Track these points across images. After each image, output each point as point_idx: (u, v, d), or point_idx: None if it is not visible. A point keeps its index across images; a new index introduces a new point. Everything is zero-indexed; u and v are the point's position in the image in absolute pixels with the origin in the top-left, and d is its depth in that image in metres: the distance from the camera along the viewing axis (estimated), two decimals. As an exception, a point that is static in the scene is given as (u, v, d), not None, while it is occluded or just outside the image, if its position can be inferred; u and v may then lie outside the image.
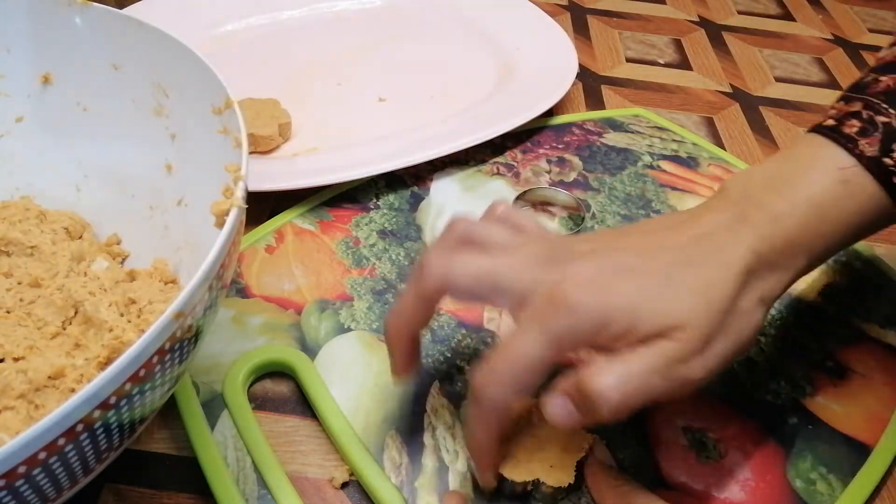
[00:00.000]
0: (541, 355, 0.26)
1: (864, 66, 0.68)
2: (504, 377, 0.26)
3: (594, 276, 0.26)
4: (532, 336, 0.26)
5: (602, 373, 0.25)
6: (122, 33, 0.35)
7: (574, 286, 0.26)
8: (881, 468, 0.34)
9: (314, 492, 0.31)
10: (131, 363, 0.21)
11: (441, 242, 0.30)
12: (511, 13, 0.63)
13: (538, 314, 0.26)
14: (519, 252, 0.28)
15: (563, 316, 0.26)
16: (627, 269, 0.27)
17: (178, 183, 0.36)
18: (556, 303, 0.26)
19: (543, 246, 0.28)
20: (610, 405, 0.25)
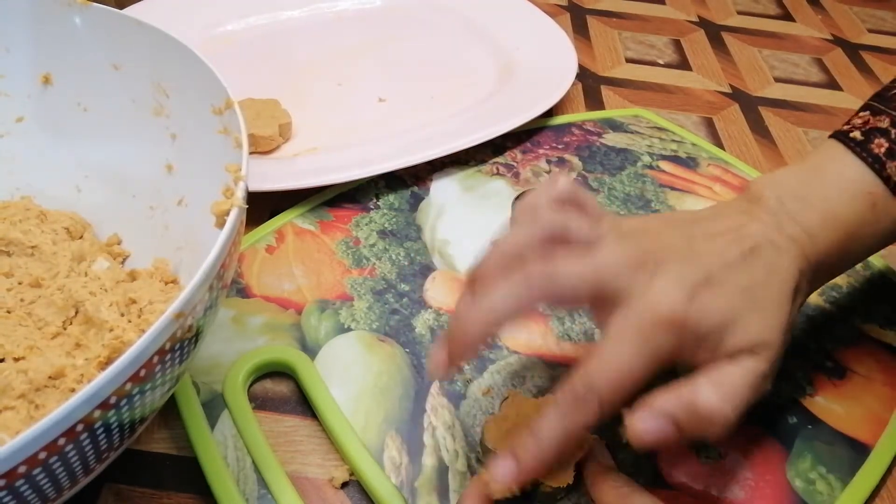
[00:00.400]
0: (645, 371, 0.27)
1: (864, 66, 0.68)
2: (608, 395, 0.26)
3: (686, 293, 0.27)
4: (636, 353, 0.27)
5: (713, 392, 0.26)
6: (122, 33, 0.35)
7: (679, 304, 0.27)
8: (881, 468, 0.34)
9: (314, 492, 0.31)
10: (131, 363, 0.21)
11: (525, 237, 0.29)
12: (511, 13, 0.63)
13: (639, 330, 0.27)
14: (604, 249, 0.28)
15: (666, 337, 0.27)
16: (714, 282, 0.28)
17: (178, 183, 0.36)
18: (658, 321, 0.27)
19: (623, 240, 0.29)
20: (726, 421, 0.26)
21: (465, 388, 0.35)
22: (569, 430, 0.27)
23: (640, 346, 0.27)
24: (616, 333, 0.27)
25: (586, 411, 0.27)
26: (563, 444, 0.27)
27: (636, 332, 0.27)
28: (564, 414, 0.27)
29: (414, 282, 0.40)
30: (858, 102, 0.62)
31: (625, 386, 0.27)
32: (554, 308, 0.38)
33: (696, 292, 0.27)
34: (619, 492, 0.29)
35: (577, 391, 0.27)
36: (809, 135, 0.58)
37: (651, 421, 0.26)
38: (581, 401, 0.27)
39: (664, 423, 0.26)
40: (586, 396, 0.27)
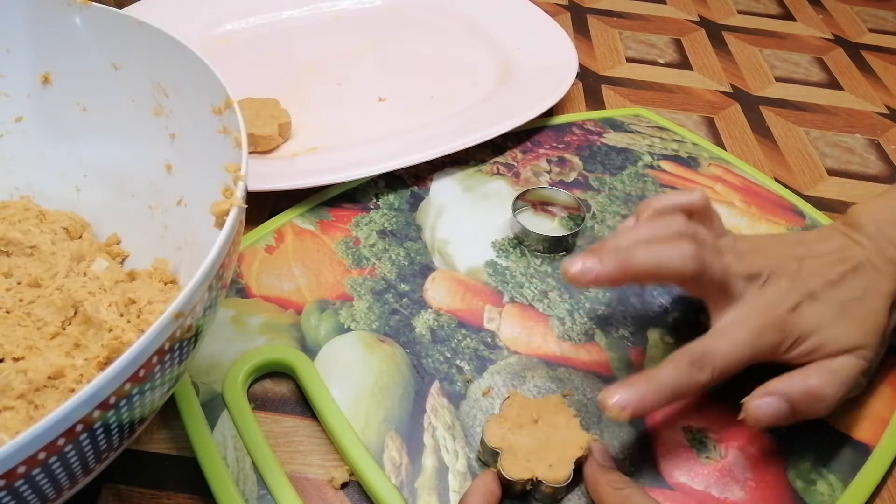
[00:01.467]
0: (747, 360, 0.32)
1: (865, 65, 0.68)
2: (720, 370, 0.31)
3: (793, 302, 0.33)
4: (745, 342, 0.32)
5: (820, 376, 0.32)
6: (122, 33, 0.35)
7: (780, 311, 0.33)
8: (881, 468, 0.34)
9: (314, 492, 0.31)
10: (131, 363, 0.21)
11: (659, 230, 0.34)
12: (511, 13, 0.63)
13: (749, 326, 0.32)
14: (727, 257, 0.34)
15: (772, 333, 0.32)
16: (816, 297, 0.33)
17: (177, 183, 0.36)
18: (766, 321, 0.32)
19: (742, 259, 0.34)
20: (831, 400, 0.32)
21: (465, 389, 0.35)
22: (682, 383, 0.31)
23: (748, 338, 0.32)
24: (731, 323, 0.33)
25: (698, 373, 0.31)
26: (674, 393, 0.31)
27: (747, 328, 0.32)
28: (681, 368, 0.31)
29: (414, 282, 0.40)
30: (859, 102, 0.62)
31: (733, 364, 0.32)
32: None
33: (798, 303, 0.33)
34: (619, 492, 0.29)
35: (696, 355, 0.31)
36: (810, 134, 0.58)
37: (768, 399, 0.31)
38: (697, 363, 0.31)
39: (779, 401, 0.31)
40: (703, 361, 0.31)
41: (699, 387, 0.31)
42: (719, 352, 0.32)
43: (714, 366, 0.31)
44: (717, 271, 0.33)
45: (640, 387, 0.30)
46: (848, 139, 0.58)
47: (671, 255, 0.32)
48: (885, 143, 0.58)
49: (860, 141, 0.58)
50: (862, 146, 0.57)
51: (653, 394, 0.30)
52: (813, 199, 0.51)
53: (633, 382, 0.31)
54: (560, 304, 0.40)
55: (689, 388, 0.31)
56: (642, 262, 0.32)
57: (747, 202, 0.48)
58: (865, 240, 0.36)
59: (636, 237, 0.34)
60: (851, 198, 0.52)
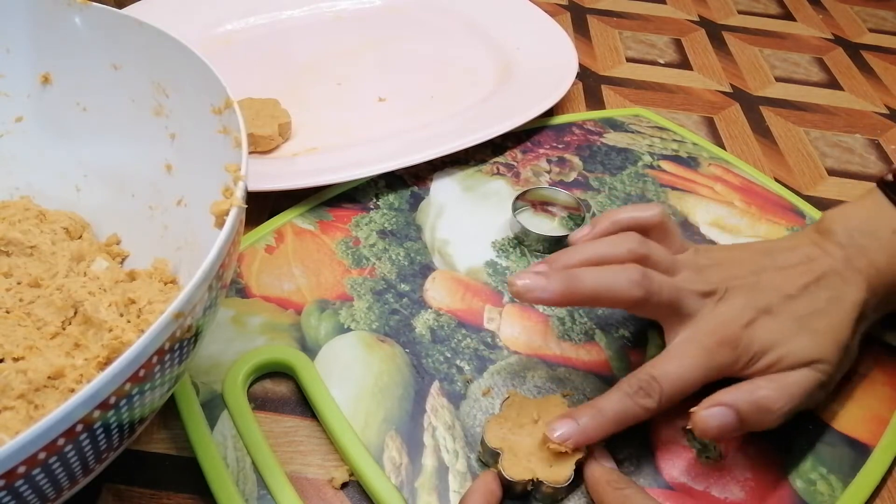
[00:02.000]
0: (700, 380, 0.32)
1: (865, 65, 0.68)
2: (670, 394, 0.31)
3: (748, 318, 0.32)
4: (699, 364, 0.32)
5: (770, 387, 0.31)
6: (122, 33, 0.35)
7: (734, 327, 0.32)
8: (881, 468, 0.34)
9: (314, 492, 0.31)
10: (131, 363, 0.21)
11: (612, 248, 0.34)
12: (511, 13, 0.63)
13: (702, 344, 0.32)
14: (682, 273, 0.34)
15: (726, 353, 0.32)
16: (771, 311, 0.33)
17: (177, 183, 0.36)
18: (720, 338, 0.32)
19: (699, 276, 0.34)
20: (780, 412, 0.31)
21: (465, 389, 0.35)
22: (627, 411, 0.31)
23: (702, 357, 0.32)
24: (683, 343, 0.33)
25: (647, 399, 0.31)
26: (617, 422, 0.31)
27: (699, 346, 0.32)
28: (627, 395, 0.31)
29: (414, 282, 0.40)
30: (859, 102, 0.62)
31: (683, 387, 0.31)
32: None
33: (753, 319, 0.32)
34: (619, 492, 0.29)
35: (643, 380, 0.31)
36: (810, 134, 0.58)
37: (715, 410, 0.31)
38: (645, 389, 0.31)
39: (727, 412, 0.31)
40: (650, 386, 0.31)
41: (648, 413, 0.31)
42: (669, 375, 0.31)
43: (662, 391, 0.31)
44: (664, 295, 0.32)
45: (583, 420, 0.31)
46: (848, 139, 0.58)
47: (616, 282, 0.32)
48: (885, 143, 0.58)
49: (860, 141, 0.58)
50: (862, 146, 0.57)
51: (595, 427, 0.31)
52: (813, 199, 0.51)
53: (578, 414, 0.31)
54: (560, 304, 0.40)
55: (636, 415, 0.31)
56: (587, 287, 0.32)
57: (747, 202, 0.48)
58: (835, 248, 0.35)
59: (586, 256, 0.34)
60: (851, 198, 0.51)
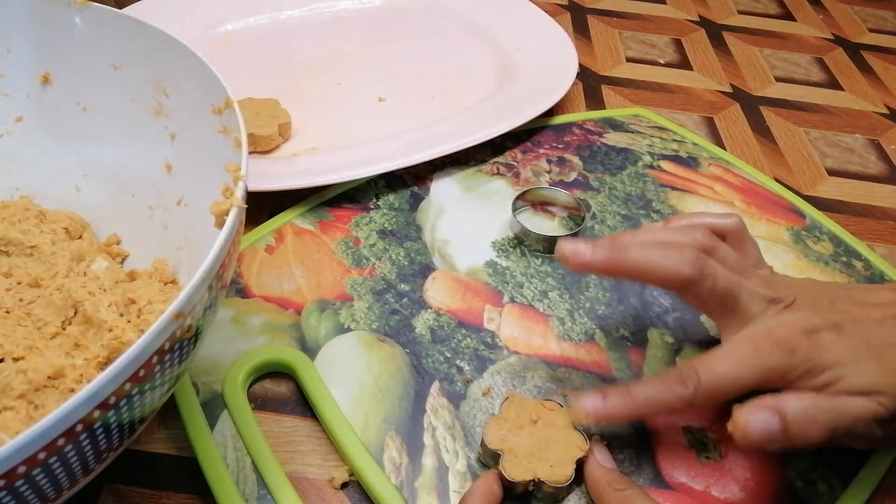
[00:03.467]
0: (748, 380, 0.29)
1: (865, 65, 0.68)
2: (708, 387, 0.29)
3: (813, 326, 0.30)
4: (746, 362, 0.29)
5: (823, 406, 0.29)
6: (122, 33, 0.35)
7: (795, 331, 0.30)
8: (881, 468, 0.34)
9: (314, 492, 0.31)
10: (131, 363, 0.21)
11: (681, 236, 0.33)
12: (511, 13, 0.63)
13: (756, 345, 0.30)
14: (751, 279, 0.32)
15: (780, 356, 0.29)
16: (841, 329, 0.30)
17: (177, 183, 0.36)
18: (777, 341, 0.30)
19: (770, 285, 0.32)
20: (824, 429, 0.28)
21: (465, 389, 0.35)
22: (659, 398, 0.30)
23: (750, 355, 0.29)
24: (734, 342, 0.30)
25: (681, 391, 0.29)
26: (647, 407, 0.30)
27: (750, 345, 0.30)
28: (662, 384, 0.30)
29: (414, 282, 0.40)
30: (859, 102, 0.62)
31: (725, 385, 0.29)
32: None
33: (819, 329, 0.30)
34: (619, 493, 0.29)
35: (683, 372, 0.30)
36: (810, 134, 0.58)
37: (761, 413, 0.28)
38: (682, 380, 0.29)
39: (773, 418, 0.28)
40: (688, 378, 0.29)
41: (681, 402, 0.29)
42: (710, 368, 0.29)
43: (699, 382, 0.29)
44: (720, 282, 0.31)
45: (611, 398, 0.30)
46: (848, 139, 0.58)
47: (667, 257, 0.31)
48: (885, 143, 0.58)
49: (860, 141, 0.58)
50: (862, 146, 0.57)
51: (621, 406, 0.30)
52: (813, 199, 0.51)
53: (608, 392, 0.30)
54: (560, 304, 0.40)
55: (667, 402, 0.30)
56: (633, 258, 0.31)
57: (747, 202, 0.48)
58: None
59: (649, 236, 0.33)
60: (851, 198, 0.52)
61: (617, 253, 0.31)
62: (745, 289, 0.31)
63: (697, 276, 0.31)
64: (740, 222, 0.35)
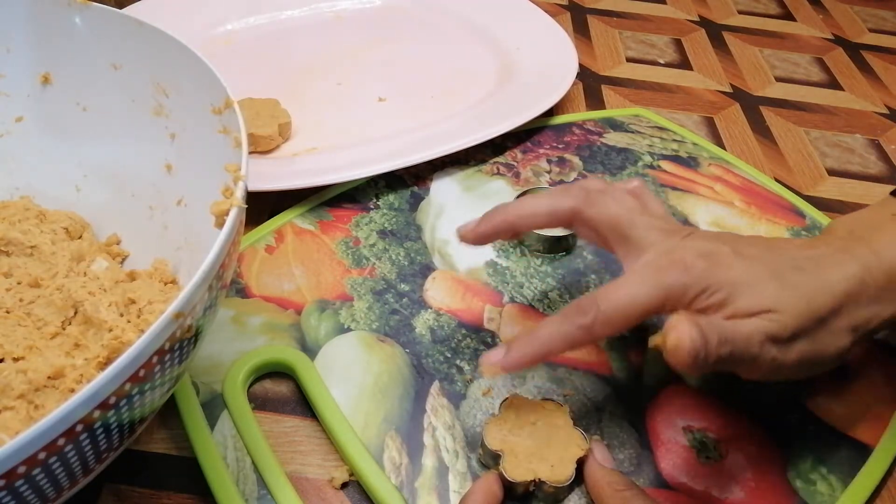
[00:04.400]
0: (647, 301, 0.29)
1: (865, 65, 0.68)
2: (608, 312, 0.29)
3: (711, 250, 0.30)
4: (644, 283, 0.29)
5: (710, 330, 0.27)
6: (122, 33, 0.35)
7: (693, 252, 0.29)
8: (881, 468, 0.34)
9: (314, 492, 0.31)
10: (131, 363, 0.21)
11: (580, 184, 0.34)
12: (511, 13, 0.63)
13: (653, 266, 0.30)
14: (650, 216, 0.32)
15: (677, 274, 0.29)
16: (743, 255, 0.30)
17: (177, 183, 0.36)
18: (674, 260, 0.29)
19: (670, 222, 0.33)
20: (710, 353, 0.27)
21: (465, 389, 0.35)
22: (560, 332, 0.29)
23: (648, 277, 0.29)
24: (633, 269, 0.30)
25: (581, 320, 0.29)
26: (551, 344, 0.30)
27: (648, 267, 0.30)
28: (563, 318, 0.30)
29: (414, 282, 0.40)
30: (859, 102, 0.62)
31: (624, 309, 0.29)
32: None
33: (716, 252, 0.30)
34: (619, 493, 0.29)
35: (582, 302, 0.29)
36: (811, 134, 0.58)
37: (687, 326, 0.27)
38: (581, 310, 0.29)
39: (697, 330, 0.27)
40: (588, 307, 0.29)
41: (583, 332, 0.29)
42: (609, 294, 0.29)
43: (598, 308, 0.29)
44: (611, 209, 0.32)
45: (515, 345, 0.30)
46: (848, 139, 0.58)
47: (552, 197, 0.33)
48: (885, 143, 0.58)
49: (860, 141, 0.58)
50: (862, 146, 0.57)
51: (526, 351, 0.30)
52: (813, 199, 0.51)
53: (512, 344, 0.30)
54: (560, 304, 0.40)
55: (571, 335, 0.29)
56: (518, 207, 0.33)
57: (747, 202, 0.48)
58: (832, 240, 0.33)
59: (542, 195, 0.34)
60: (851, 198, 0.52)
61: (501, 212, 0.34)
62: (638, 217, 0.32)
63: (582, 204, 0.32)
64: (641, 182, 0.36)
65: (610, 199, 0.33)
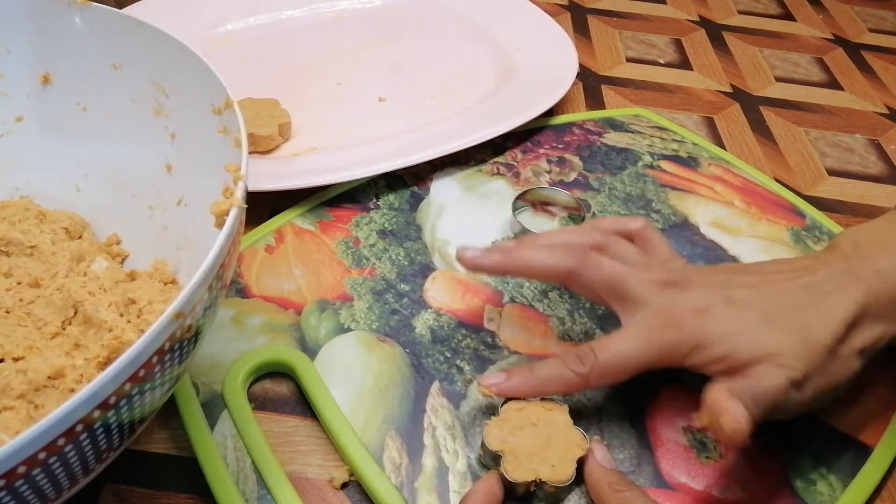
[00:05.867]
0: (642, 358, 0.31)
1: (865, 65, 0.68)
2: (604, 365, 0.31)
3: (704, 304, 0.31)
4: (640, 340, 0.31)
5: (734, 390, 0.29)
6: (122, 33, 0.35)
7: (686, 310, 0.31)
8: (881, 468, 0.34)
9: (314, 492, 0.31)
10: (131, 363, 0.21)
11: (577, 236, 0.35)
12: (511, 13, 0.63)
13: (648, 325, 0.31)
14: (646, 270, 0.33)
15: (671, 333, 0.30)
16: (734, 302, 0.31)
17: (177, 183, 0.36)
18: (668, 320, 0.31)
19: (667, 270, 0.33)
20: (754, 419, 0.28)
21: (465, 389, 0.35)
22: (558, 376, 0.32)
23: (643, 335, 0.31)
24: (630, 324, 0.32)
25: (579, 368, 0.31)
26: (547, 385, 0.32)
27: (643, 325, 0.31)
28: (562, 363, 0.32)
29: (414, 282, 0.40)
30: (859, 102, 0.62)
31: (620, 363, 0.31)
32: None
33: (709, 306, 0.31)
34: (619, 494, 0.29)
35: (580, 351, 0.31)
36: (810, 134, 0.58)
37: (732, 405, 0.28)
38: (579, 360, 0.31)
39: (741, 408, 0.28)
40: (585, 357, 0.31)
41: (580, 379, 0.31)
42: (606, 347, 0.31)
43: (596, 359, 0.31)
44: (604, 271, 0.33)
45: (514, 377, 0.32)
46: (848, 139, 0.58)
47: (551, 255, 0.33)
48: (885, 143, 0.58)
49: (860, 141, 0.58)
50: (862, 146, 0.57)
51: (522, 384, 0.32)
52: (813, 199, 0.51)
53: (512, 372, 0.32)
54: (560, 304, 0.40)
55: (567, 379, 0.31)
56: (520, 257, 0.34)
57: (747, 202, 0.48)
58: (837, 259, 0.33)
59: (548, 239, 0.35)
60: (851, 198, 0.52)
61: (505, 255, 0.34)
62: (632, 276, 0.33)
63: (579, 267, 0.33)
64: (645, 223, 0.37)
65: (605, 260, 0.33)
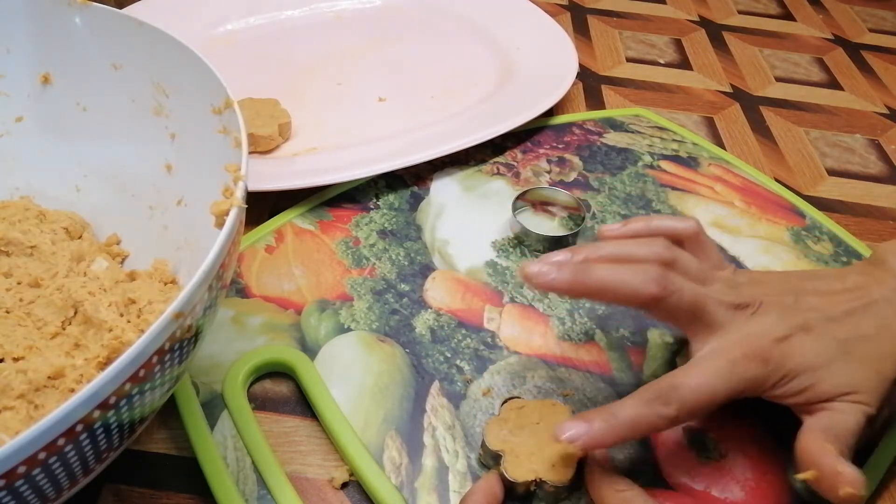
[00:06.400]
0: (728, 392, 0.30)
1: (865, 65, 0.68)
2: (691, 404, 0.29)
3: (782, 332, 0.30)
4: (723, 375, 0.30)
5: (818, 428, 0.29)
6: (122, 33, 0.35)
7: (767, 340, 0.30)
8: (881, 468, 0.34)
9: (314, 492, 0.31)
10: (131, 363, 0.21)
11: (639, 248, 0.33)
12: (511, 13, 0.63)
13: (730, 358, 0.30)
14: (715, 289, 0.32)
15: (756, 367, 0.30)
16: (811, 330, 0.31)
17: (177, 183, 0.36)
18: (749, 351, 0.30)
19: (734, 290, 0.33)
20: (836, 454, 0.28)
21: (465, 389, 0.35)
22: (643, 418, 0.29)
23: (725, 369, 0.30)
24: (708, 354, 0.31)
25: (665, 411, 0.29)
26: (632, 429, 0.29)
27: (724, 358, 0.30)
28: (645, 403, 0.29)
29: (414, 282, 0.40)
30: (859, 102, 0.62)
31: (706, 399, 0.29)
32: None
33: (789, 335, 0.30)
34: (619, 494, 0.29)
35: (663, 388, 0.29)
36: (810, 134, 0.58)
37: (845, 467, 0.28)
38: (663, 398, 0.29)
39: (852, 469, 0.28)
40: (669, 396, 0.29)
41: (665, 422, 0.29)
42: (690, 385, 0.29)
43: (682, 399, 0.29)
44: (686, 296, 0.31)
45: (595, 423, 0.29)
46: (848, 139, 0.58)
47: (631, 276, 0.30)
48: (885, 143, 0.58)
49: (860, 141, 0.58)
50: (862, 146, 0.57)
51: (607, 431, 0.29)
52: (813, 199, 0.51)
53: (591, 417, 0.29)
54: (560, 304, 0.40)
55: (652, 423, 0.29)
56: (597, 278, 0.31)
57: (747, 202, 0.48)
58: (888, 277, 0.33)
59: (609, 251, 0.33)
60: (851, 198, 0.52)
61: (582, 274, 0.31)
62: (710, 299, 0.31)
63: (663, 293, 0.30)
64: (697, 226, 0.35)
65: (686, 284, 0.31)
